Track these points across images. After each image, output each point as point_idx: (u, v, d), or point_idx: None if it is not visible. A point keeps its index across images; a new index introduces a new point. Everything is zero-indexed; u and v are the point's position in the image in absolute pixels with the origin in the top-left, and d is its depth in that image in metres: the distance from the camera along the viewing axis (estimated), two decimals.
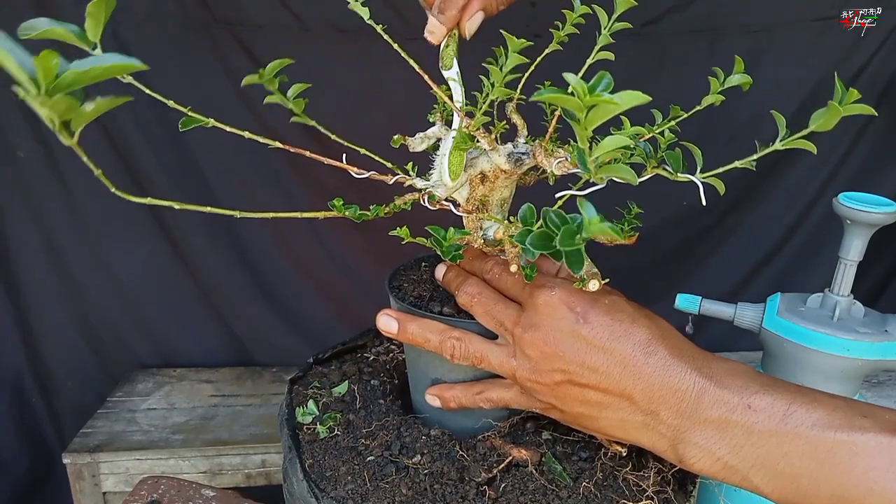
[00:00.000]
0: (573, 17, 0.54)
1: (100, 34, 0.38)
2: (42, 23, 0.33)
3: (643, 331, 0.46)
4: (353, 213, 0.51)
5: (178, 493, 0.71)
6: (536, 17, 1.14)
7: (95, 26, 0.38)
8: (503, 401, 0.53)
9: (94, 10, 0.37)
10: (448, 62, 0.51)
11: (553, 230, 0.38)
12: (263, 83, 0.52)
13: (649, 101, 0.33)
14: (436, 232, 0.50)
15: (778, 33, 1.29)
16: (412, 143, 0.55)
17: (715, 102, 0.53)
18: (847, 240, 0.82)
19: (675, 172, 0.46)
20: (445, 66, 0.51)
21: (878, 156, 1.41)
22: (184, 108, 0.50)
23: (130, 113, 1.23)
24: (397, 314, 0.54)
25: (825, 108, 0.42)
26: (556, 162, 0.46)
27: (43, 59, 0.28)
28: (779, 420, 0.41)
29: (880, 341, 0.79)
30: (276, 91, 0.53)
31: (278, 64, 0.53)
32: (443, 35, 0.50)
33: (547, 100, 0.34)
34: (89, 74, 0.30)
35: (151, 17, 1.18)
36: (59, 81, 0.29)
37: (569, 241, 0.37)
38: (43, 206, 1.29)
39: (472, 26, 0.50)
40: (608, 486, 0.51)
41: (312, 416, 0.59)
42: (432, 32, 0.50)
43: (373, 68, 1.21)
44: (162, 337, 1.43)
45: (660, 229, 1.39)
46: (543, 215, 0.39)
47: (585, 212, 0.37)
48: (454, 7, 0.49)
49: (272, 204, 1.31)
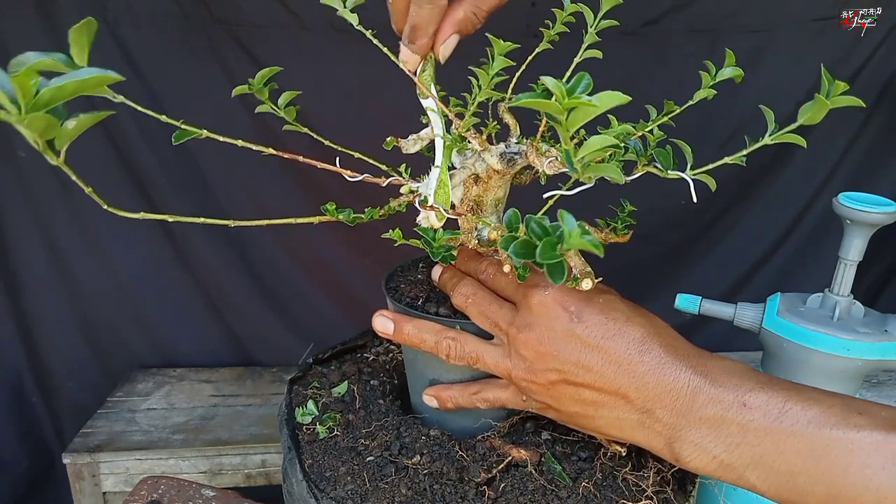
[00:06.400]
0: (563, 16, 0.54)
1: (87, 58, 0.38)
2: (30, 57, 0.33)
3: (638, 329, 0.46)
4: (347, 217, 0.51)
5: (178, 493, 0.72)
6: (537, 17, 1.14)
7: (81, 52, 0.38)
8: (499, 401, 0.53)
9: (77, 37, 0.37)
10: (425, 91, 0.50)
11: (535, 240, 0.37)
12: (254, 92, 0.52)
13: (629, 101, 0.33)
14: (425, 233, 0.50)
15: (778, 33, 1.29)
16: (405, 145, 0.55)
17: (707, 96, 0.53)
18: (847, 240, 0.82)
19: (665, 170, 0.46)
20: (423, 94, 0.51)
21: (878, 155, 1.41)
22: (176, 121, 0.49)
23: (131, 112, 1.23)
24: (393, 315, 0.54)
25: (812, 101, 0.42)
26: (548, 161, 0.46)
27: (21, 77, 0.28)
28: (774, 418, 0.41)
29: (880, 341, 0.78)
30: (266, 100, 0.53)
31: (268, 72, 0.53)
32: (416, 63, 0.50)
33: (526, 105, 0.34)
34: (66, 90, 0.30)
35: (150, 16, 1.18)
36: (36, 100, 0.29)
37: (549, 254, 0.36)
38: (43, 205, 1.29)
39: (447, 51, 0.49)
40: (607, 486, 0.51)
41: (312, 417, 0.60)
42: (406, 62, 0.50)
43: (371, 68, 1.20)
44: (162, 337, 1.43)
45: (659, 229, 1.39)
46: (526, 223, 0.38)
47: (565, 224, 0.36)
48: (424, 35, 0.48)
49: (272, 203, 1.31)
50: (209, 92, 1.21)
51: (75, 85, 0.30)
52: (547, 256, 0.36)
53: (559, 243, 0.36)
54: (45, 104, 0.30)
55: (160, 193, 1.30)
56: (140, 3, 1.17)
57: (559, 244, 0.36)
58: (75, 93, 0.31)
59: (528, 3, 1.18)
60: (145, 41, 1.20)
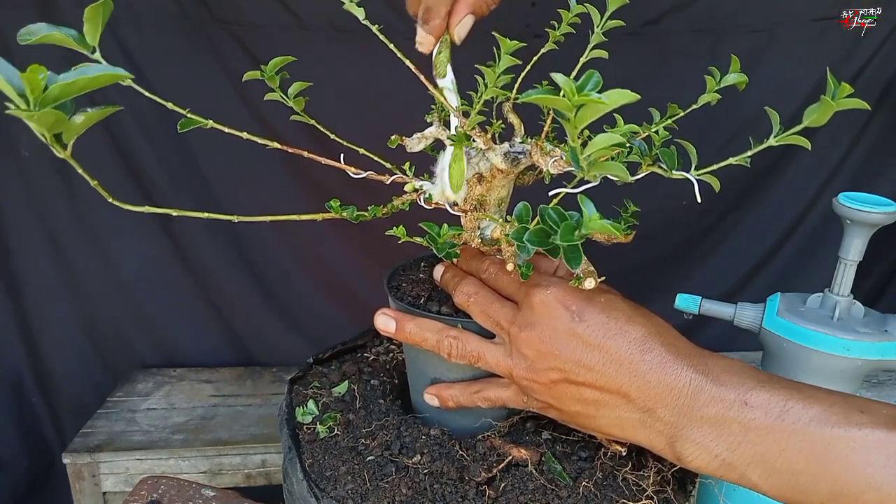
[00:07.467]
0: (569, 16, 0.54)
1: (98, 38, 0.38)
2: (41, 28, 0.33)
3: (639, 328, 0.46)
4: (351, 214, 0.51)
5: (178, 493, 0.71)
6: (536, 17, 1.14)
7: (93, 30, 0.38)
8: (501, 400, 0.53)
9: (92, 15, 0.38)
10: (441, 70, 0.51)
11: (552, 226, 0.38)
12: (266, 79, 0.52)
13: (638, 99, 0.33)
14: (430, 229, 0.50)
15: (778, 33, 1.29)
16: (410, 144, 0.55)
17: (711, 101, 0.53)
18: (847, 240, 0.82)
19: (670, 170, 0.46)
20: (439, 74, 0.51)
21: (878, 156, 1.41)
22: (182, 109, 0.50)
23: (132, 112, 1.23)
24: (395, 313, 0.54)
25: (818, 103, 0.42)
26: (552, 161, 0.46)
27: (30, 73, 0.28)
28: (776, 416, 0.41)
29: (880, 341, 0.78)
30: (276, 89, 0.53)
31: (281, 60, 0.53)
32: (432, 45, 0.50)
33: (536, 101, 0.35)
34: (76, 86, 0.30)
35: (150, 16, 1.18)
36: (45, 95, 0.29)
37: (568, 237, 0.37)
38: (45, 204, 1.29)
39: (462, 31, 0.50)
40: (608, 485, 0.51)
41: (312, 416, 0.60)
42: (421, 43, 0.50)
43: (372, 68, 1.21)
44: (162, 336, 1.43)
45: (660, 229, 1.39)
46: (541, 212, 0.39)
47: (585, 208, 0.37)
48: (437, 17, 0.49)
49: (273, 202, 1.31)
50: (209, 91, 1.22)
51: (85, 82, 0.31)
52: (566, 239, 0.37)
53: (577, 228, 0.37)
54: (54, 100, 0.30)
55: (161, 195, 1.30)
56: (140, 3, 1.17)
57: (578, 228, 0.37)
58: (84, 89, 0.31)
59: (528, 3, 1.18)
60: (145, 41, 1.20)
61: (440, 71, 0.51)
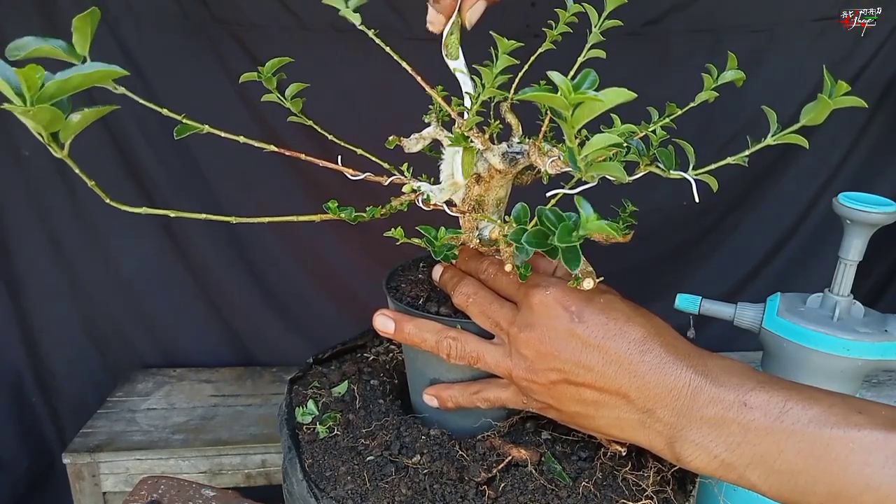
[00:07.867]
0: (566, 16, 0.54)
1: (88, 47, 0.38)
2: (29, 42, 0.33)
3: (638, 329, 0.46)
4: (349, 215, 0.51)
5: (178, 493, 0.71)
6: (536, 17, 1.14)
7: (83, 40, 0.38)
8: (500, 400, 0.53)
9: (80, 25, 0.37)
10: (454, 51, 0.50)
11: (550, 228, 0.38)
12: (263, 80, 0.52)
13: (635, 98, 0.33)
14: (427, 231, 0.50)
15: (778, 33, 1.29)
16: (408, 144, 0.54)
17: (709, 99, 0.53)
18: (847, 240, 0.82)
19: (668, 170, 0.46)
20: (451, 55, 0.51)
21: (878, 156, 1.41)
22: (178, 115, 0.50)
23: (131, 111, 1.23)
24: (394, 314, 0.54)
25: (815, 102, 0.42)
26: (550, 161, 0.46)
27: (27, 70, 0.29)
28: (775, 417, 0.41)
29: (880, 341, 0.79)
30: (273, 90, 0.53)
31: (277, 62, 0.53)
32: (442, 24, 0.50)
33: (533, 98, 0.35)
34: (71, 83, 0.30)
35: (150, 16, 1.19)
36: (41, 92, 0.29)
37: (566, 239, 0.37)
38: (46, 204, 1.29)
39: (473, 17, 0.50)
40: (608, 485, 0.51)
41: (312, 416, 0.60)
42: (432, 23, 0.50)
43: (372, 68, 1.21)
44: (162, 336, 1.44)
45: (660, 229, 1.39)
46: (539, 213, 0.39)
47: (583, 209, 0.37)
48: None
49: (272, 202, 1.31)
50: (209, 91, 1.22)
51: (80, 78, 0.31)
52: (564, 240, 0.37)
53: (575, 229, 0.37)
54: (51, 97, 0.30)
55: (161, 195, 1.30)
56: (140, 3, 1.17)
57: (576, 229, 0.37)
58: (80, 86, 0.31)
59: (528, 3, 1.18)
60: (145, 41, 1.20)
61: (452, 52, 0.51)
